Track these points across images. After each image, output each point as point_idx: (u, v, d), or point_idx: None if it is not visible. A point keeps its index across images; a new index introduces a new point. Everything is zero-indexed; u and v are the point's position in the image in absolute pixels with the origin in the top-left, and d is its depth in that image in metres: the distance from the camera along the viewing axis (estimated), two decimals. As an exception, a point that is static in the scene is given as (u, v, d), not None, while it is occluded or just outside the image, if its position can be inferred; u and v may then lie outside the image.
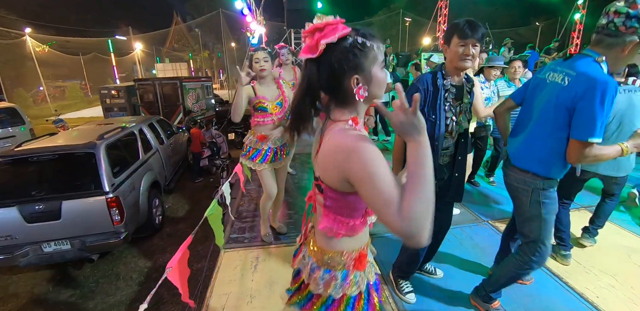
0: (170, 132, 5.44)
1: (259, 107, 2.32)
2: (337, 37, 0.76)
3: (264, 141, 2.42)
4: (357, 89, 0.81)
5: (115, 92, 9.19)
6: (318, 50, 0.77)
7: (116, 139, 3.60)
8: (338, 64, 0.79)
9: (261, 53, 2.25)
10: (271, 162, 2.45)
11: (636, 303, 2.01)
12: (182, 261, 1.35)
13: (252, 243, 2.65)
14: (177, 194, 4.94)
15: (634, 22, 1.25)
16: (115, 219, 2.98)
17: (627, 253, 2.53)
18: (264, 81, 2.35)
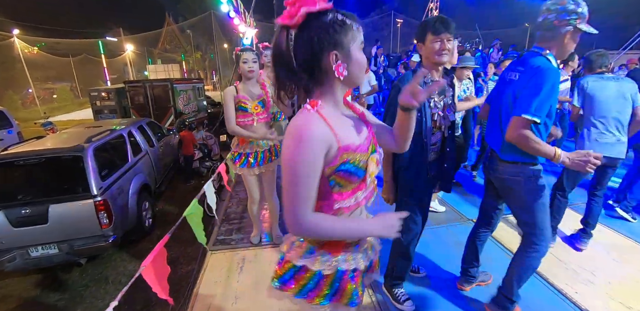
0: (160, 134, 5.43)
1: (239, 106, 2.30)
2: (319, 8, 0.76)
3: (244, 144, 2.38)
4: (337, 66, 0.79)
5: (105, 95, 9.12)
6: (296, 17, 0.76)
7: (105, 142, 3.59)
8: (317, 37, 0.77)
9: (250, 54, 2.23)
10: (252, 167, 2.39)
11: (613, 298, 2.08)
12: (157, 259, 1.37)
13: (238, 245, 2.68)
14: (168, 197, 4.94)
15: (564, 15, 1.43)
16: (103, 223, 2.98)
17: (606, 250, 2.61)
18: (249, 82, 2.34)
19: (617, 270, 2.36)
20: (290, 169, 0.78)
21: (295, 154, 0.77)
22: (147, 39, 27.19)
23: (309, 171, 0.78)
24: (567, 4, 1.42)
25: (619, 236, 2.81)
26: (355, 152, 0.85)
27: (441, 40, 1.54)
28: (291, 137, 0.79)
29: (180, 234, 3.79)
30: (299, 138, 0.77)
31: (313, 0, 0.75)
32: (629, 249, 2.63)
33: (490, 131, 1.80)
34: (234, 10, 5.82)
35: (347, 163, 0.84)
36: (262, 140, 2.37)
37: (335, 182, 0.85)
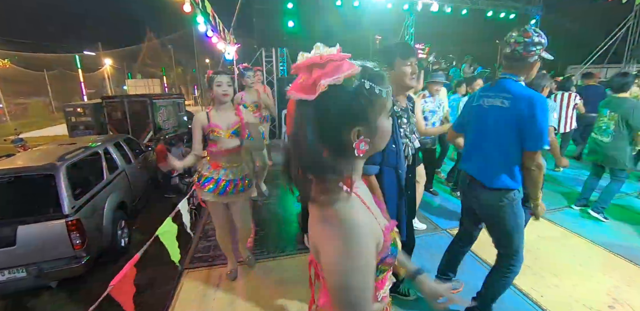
0: (138, 151, 5.35)
1: (212, 136, 2.13)
2: (343, 77, 0.62)
3: (217, 169, 2.21)
4: (358, 143, 0.68)
5: (81, 110, 8.90)
6: (317, 92, 0.62)
7: (78, 160, 3.52)
8: (338, 112, 0.65)
9: (224, 77, 2.07)
10: (220, 194, 2.19)
11: (577, 300, 2.19)
12: (126, 279, 1.37)
13: (216, 262, 2.66)
14: (146, 215, 4.82)
15: (531, 47, 1.55)
16: (75, 243, 2.89)
17: (571, 254, 2.75)
18: (222, 106, 2.16)
19: (580, 273, 2.48)
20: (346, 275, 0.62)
21: (350, 256, 0.62)
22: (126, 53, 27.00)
23: (371, 273, 0.64)
24: (533, 37, 1.54)
25: (584, 241, 2.97)
26: (392, 231, 0.75)
27: (411, 64, 1.58)
28: (344, 234, 0.63)
29: (158, 253, 3.72)
30: (355, 234, 0.63)
31: (336, 69, 0.62)
32: (593, 253, 2.78)
33: (469, 159, 1.83)
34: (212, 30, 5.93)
35: (390, 246, 0.73)
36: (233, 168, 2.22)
37: (380, 270, 0.72)
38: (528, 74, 1.66)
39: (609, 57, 13.15)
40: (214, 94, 2.10)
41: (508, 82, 1.64)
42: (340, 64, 0.63)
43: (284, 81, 8.05)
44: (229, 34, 7.16)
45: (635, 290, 2.28)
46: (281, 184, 4.81)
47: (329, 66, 0.62)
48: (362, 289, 0.63)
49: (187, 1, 4.48)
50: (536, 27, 1.57)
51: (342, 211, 0.65)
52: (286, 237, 3.13)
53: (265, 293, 2.26)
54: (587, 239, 2.98)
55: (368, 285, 0.64)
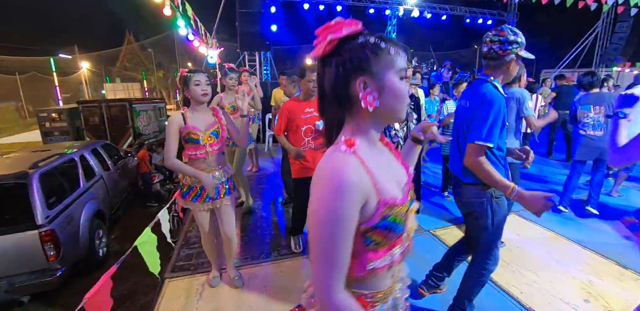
0: (117, 157, 5.20)
1: (190, 138, 1.99)
2: (346, 33, 0.67)
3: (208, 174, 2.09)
4: (364, 95, 0.69)
5: (56, 115, 8.58)
6: (322, 47, 0.68)
7: (53, 167, 3.39)
8: (343, 64, 0.69)
9: (202, 75, 1.96)
10: (206, 201, 2.11)
11: (554, 295, 2.26)
12: (102, 291, 1.32)
13: (198, 270, 2.60)
14: (125, 223, 4.67)
15: (506, 45, 1.59)
16: (50, 255, 2.77)
17: (547, 251, 2.85)
18: (200, 107, 2.04)
19: (557, 269, 2.57)
20: (321, 226, 0.65)
21: (329, 208, 0.64)
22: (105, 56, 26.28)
23: (344, 230, 0.65)
24: (508, 35, 1.58)
25: (561, 238, 3.08)
26: (397, 205, 0.73)
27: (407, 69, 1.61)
28: (324, 185, 0.66)
29: (138, 263, 3.60)
30: (335, 187, 0.65)
31: (339, 26, 0.68)
32: (568, 249, 2.90)
33: (452, 157, 1.90)
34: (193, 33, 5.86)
35: (387, 219, 0.71)
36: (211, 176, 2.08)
37: (372, 239, 0.72)
38: (506, 73, 1.68)
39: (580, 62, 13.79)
40: (191, 94, 1.96)
41: (478, 82, 1.72)
42: (349, 25, 0.68)
43: (268, 85, 8.04)
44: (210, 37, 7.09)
45: (608, 284, 2.38)
46: (267, 189, 4.77)
47: (337, 26, 0.68)
48: (332, 242, 0.65)
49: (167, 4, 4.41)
50: (513, 27, 1.62)
51: (333, 163, 0.68)
52: (271, 242, 3.10)
53: (249, 301, 2.23)
54: (562, 236, 3.10)
55: (339, 240, 0.65)
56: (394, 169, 0.82)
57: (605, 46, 12.86)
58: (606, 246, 2.90)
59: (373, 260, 0.73)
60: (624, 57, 12.67)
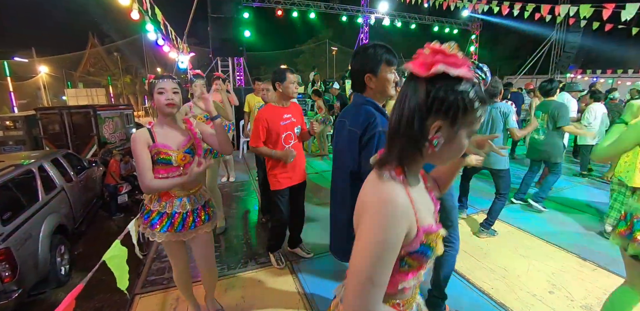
0: (80, 167, 4.90)
1: (159, 159, 1.64)
2: (457, 74, 0.67)
3: (169, 200, 1.73)
4: (433, 138, 0.70)
5: (10, 123, 7.98)
6: (429, 71, 0.67)
7: (7, 180, 3.13)
8: (434, 99, 0.68)
9: (168, 82, 1.63)
10: (177, 231, 1.73)
11: (521, 288, 2.38)
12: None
13: (171, 284, 2.48)
14: (90, 237, 4.39)
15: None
16: (4, 276, 2.54)
17: (514, 247, 3.00)
18: (166, 120, 1.69)
19: (524, 264, 2.71)
20: (372, 250, 0.68)
21: (381, 234, 0.67)
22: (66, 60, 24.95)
23: (392, 255, 0.69)
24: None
25: (525, 234, 3.27)
26: (432, 233, 0.77)
27: (394, 72, 1.49)
28: (377, 212, 0.69)
29: (106, 280, 3.38)
30: (389, 215, 0.68)
31: (456, 64, 0.66)
32: (533, 244, 3.07)
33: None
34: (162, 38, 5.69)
35: (424, 245, 0.76)
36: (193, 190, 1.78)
37: (407, 263, 0.77)
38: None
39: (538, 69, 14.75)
40: (157, 104, 1.64)
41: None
42: (460, 64, 0.67)
43: (242, 91, 7.94)
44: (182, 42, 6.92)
45: (570, 275, 2.55)
46: (242, 196, 4.67)
47: (452, 59, 0.67)
48: (379, 265, 0.67)
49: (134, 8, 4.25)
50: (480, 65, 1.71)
51: (385, 192, 0.71)
52: (248, 252, 3.02)
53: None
54: (527, 232, 3.29)
55: (386, 264, 0.68)
56: (425, 196, 0.86)
57: (559, 55, 13.86)
58: (568, 239, 3.12)
59: (403, 281, 0.79)
60: (577, 65, 13.73)
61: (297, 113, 2.56)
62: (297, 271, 2.64)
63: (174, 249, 1.86)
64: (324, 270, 2.65)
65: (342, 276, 2.53)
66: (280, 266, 2.69)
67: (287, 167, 2.47)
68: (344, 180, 1.49)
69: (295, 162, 2.48)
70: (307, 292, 2.36)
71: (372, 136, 1.35)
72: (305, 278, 2.55)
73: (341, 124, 1.55)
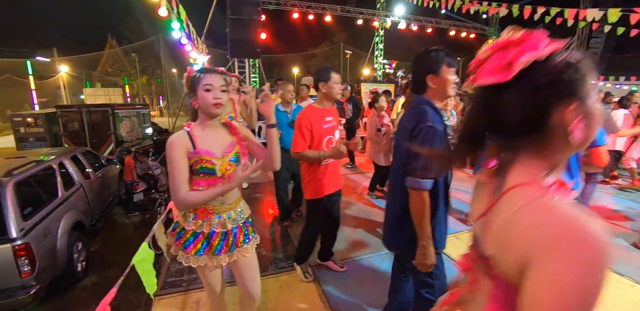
0: (98, 165, 4.95)
1: (201, 168, 1.38)
2: (549, 51, 0.56)
3: (207, 217, 1.45)
4: (574, 126, 0.56)
5: (31, 120, 8.17)
6: (514, 70, 0.56)
7: (29, 176, 3.15)
8: (546, 85, 0.56)
9: (217, 78, 1.38)
10: (216, 254, 1.46)
11: None
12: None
13: (191, 286, 2.43)
14: (106, 235, 4.41)
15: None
16: (24, 271, 2.54)
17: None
18: (209, 122, 1.43)
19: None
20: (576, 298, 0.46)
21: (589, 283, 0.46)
22: (85, 60, 25.58)
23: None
24: None
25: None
26: None
27: (455, 74, 1.47)
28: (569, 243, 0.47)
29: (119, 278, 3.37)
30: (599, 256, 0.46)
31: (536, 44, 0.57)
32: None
33: None
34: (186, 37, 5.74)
35: None
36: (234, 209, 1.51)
37: None
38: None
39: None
40: (199, 103, 1.37)
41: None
42: (539, 40, 0.57)
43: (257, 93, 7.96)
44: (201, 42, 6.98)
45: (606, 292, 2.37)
46: (260, 198, 4.62)
47: (528, 41, 0.57)
48: None
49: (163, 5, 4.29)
50: None
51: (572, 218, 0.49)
52: (267, 255, 2.96)
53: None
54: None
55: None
56: None
57: (580, 61, 13.52)
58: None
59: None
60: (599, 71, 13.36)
61: (336, 116, 2.39)
62: (319, 276, 2.56)
63: (210, 275, 1.56)
64: (345, 275, 2.57)
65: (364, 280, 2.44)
66: (308, 279, 2.51)
67: (327, 174, 2.29)
68: (397, 172, 1.50)
69: (332, 168, 2.33)
70: (329, 297, 2.28)
71: (421, 129, 1.38)
72: (326, 280, 2.47)
73: (401, 121, 1.61)
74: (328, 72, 2.18)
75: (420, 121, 1.39)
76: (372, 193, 4.50)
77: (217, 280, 1.60)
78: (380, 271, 2.62)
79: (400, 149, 1.52)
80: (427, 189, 1.35)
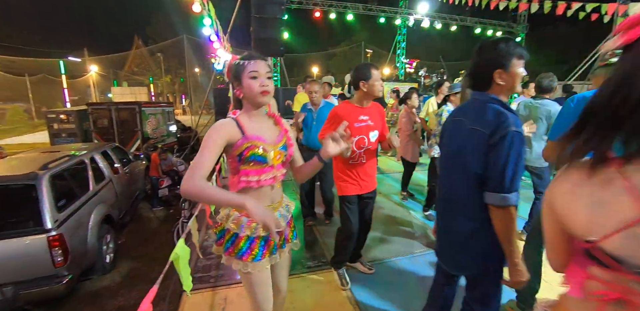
0: (126, 160, 5.09)
1: (252, 155, 1.24)
2: None
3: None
4: None
5: (64, 117, 8.56)
6: None
7: (63, 169, 3.27)
8: None
9: (263, 64, 1.26)
10: (272, 255, 1.37)
11: None
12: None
13: (218, 283, 2.43)
14: (132, 228, 4.53)
15: None
16: (57, 261, 2.62)
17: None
18: (254, 112, 1.32)
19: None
20: None
21: None
22: (113, 60, 26.55)
23: None
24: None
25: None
26: None
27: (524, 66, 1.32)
28: None
29: (145, 270, 3.44)
30: None
31: None
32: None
33: None
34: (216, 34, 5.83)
35: None
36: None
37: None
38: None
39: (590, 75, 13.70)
40: (244, 91, 1.26)
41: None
42: None
43: (278, 91, 7.98)
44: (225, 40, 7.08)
45: None
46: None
47: None
48: None
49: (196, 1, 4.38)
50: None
51: None
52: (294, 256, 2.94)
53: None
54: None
55: None
56: None
57: (616, 59, 12.80)
58: None
59: None
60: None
61: (377, 116, 2.21)
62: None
63: (262, 281, 1.37)
64: (373, 277, 2.50)
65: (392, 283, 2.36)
66: (344, 287, 2.38)
67: (360, 173, 2.20)
68: (466, 185, 1.29)
69: (366, 169, 2.22)
70: (358, 299, 2.22)
71: (504, 136, 1.17)
72: (354, 280, 2.42)
73: (457, 123, 1.39)
74: (369, 70, 2.07)
75: (502, 126, 1.18)
76: (404, 193, 4.33)
77: (268, 285, 1.40)
78: (408, 274, 2.53)
79: (468, 156, 1.28)
80: (515, 205, 1.18)
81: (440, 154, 1.54)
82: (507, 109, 1.25)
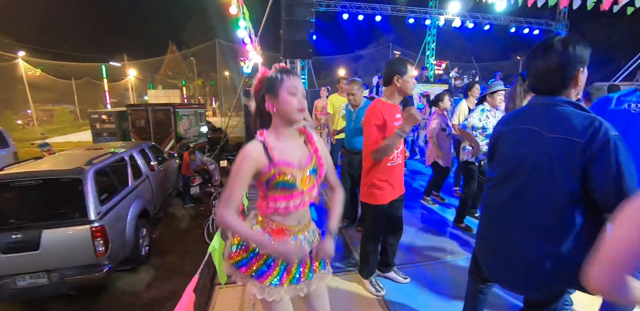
0: (161, 159, 5.33)
1: (280, 183, 1.16)
2: None
3: (282, 240, 1.20)
4: None
5: (106, 117, 9.15)
6: None
7: (105, 165, 3.48)
8: None
9: (300, 81, 1.21)
10: (294, 282, 1.22)
11: None
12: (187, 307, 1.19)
13: (249, 278, 2.47)
14: (165, 224, 4.73)
15: None
16: (99, 251, 2.79)
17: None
18: (286, 130, 1.21)
19: None
20: None
21: None
22: (149, 64, 27.99)
23: None
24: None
25: None
26: None
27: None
28: None
29: (178, 263, 3.58)
30: None
31: None
32: None
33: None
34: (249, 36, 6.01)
35: None
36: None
37: None
38: None
39: (639, 75, 12.71)
40: (279, 108, 1.16)
41: None
42: None
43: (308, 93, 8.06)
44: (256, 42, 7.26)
45: None
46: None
47: None
48: None
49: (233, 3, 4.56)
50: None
51: None
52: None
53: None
54: None
55: None
56: None
57: (669, 58, 11.81)
58: None
59: None
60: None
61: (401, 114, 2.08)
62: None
63: (281, 306, 1.24)
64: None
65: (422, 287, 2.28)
66: (380, 293, 2.24)
67: (394, 178, 2.06)
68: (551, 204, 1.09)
69: (395, 172, 2.08)
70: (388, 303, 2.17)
71: (606, 144, 0.98)
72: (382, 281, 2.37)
73: (523, 132, 1.18)
74: (405, 65, 1.92)
75: (599, 132, 1.00)
76: (427, 198, 4.13)
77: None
78: (438, 279, 2.46)
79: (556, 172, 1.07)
80: None
81: (495, 167, 1.32)
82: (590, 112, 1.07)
